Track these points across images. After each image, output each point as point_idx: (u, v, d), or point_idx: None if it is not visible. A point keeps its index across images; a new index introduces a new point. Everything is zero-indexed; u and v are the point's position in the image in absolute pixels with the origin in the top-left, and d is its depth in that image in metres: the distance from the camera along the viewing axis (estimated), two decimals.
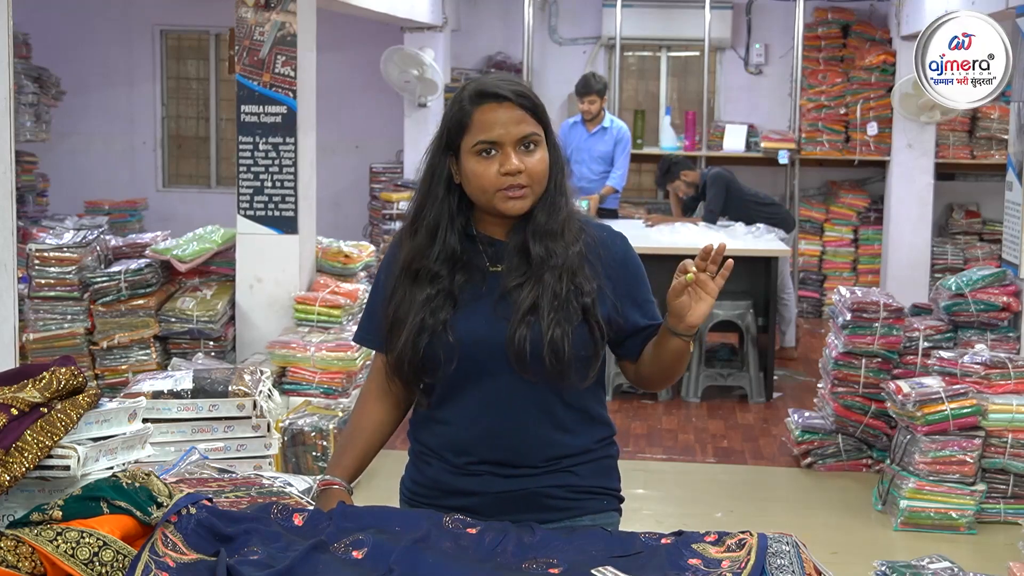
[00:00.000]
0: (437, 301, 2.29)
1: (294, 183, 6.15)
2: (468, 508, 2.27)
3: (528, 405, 2.30)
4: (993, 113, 9.52)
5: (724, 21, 10.35)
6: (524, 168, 2.26)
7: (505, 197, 2.27)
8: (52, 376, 2.09)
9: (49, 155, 10.21)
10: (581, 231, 2.35)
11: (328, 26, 7.64)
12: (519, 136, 2.26)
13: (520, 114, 2.27)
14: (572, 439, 2.34)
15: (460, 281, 2.31)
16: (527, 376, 2.26)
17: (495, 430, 2.30)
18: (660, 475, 6.02)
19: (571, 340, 2.24)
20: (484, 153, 2.26)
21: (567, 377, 2.27)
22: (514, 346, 2.23)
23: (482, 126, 2.26)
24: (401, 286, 2.33)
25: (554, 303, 2.25)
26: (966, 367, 5.39)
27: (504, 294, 2.29)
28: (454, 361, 2.26)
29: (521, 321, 2.24)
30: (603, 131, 8.60)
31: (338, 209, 10.57)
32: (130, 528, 1.95)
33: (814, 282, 10.29)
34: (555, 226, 2.30)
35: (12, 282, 3.80)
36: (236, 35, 6.09)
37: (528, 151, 2.27)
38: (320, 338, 5.97)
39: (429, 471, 2.38)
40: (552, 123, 2.38)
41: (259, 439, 3.80)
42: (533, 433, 2.31)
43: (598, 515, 2.36)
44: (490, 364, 2.27)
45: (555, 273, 2.27)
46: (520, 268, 2.29)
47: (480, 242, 2.35)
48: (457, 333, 2.26)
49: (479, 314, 2.29)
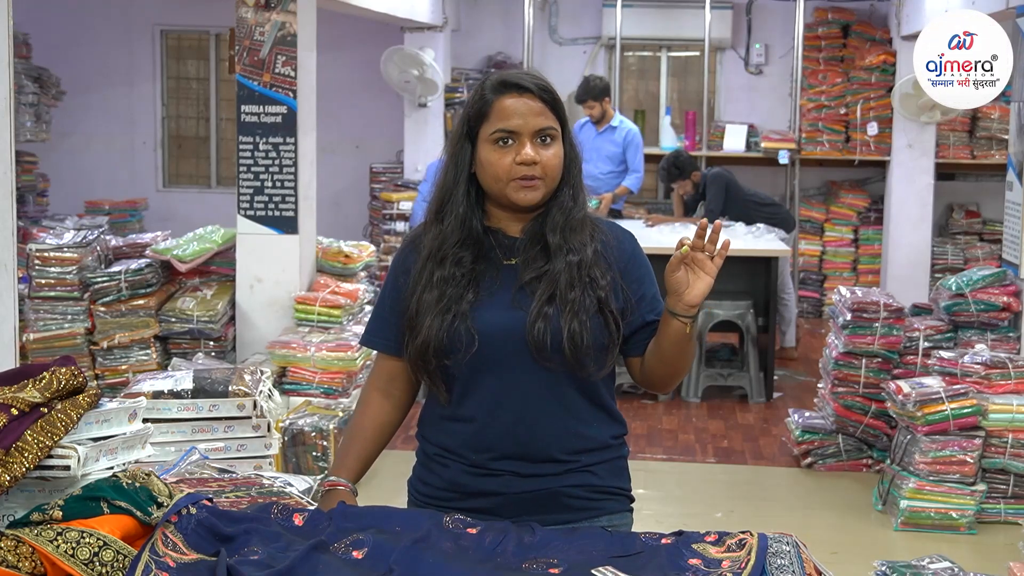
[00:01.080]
0: (461, 284, 2.31)
1: (294, 183, 6.15)
2: (486, 509, 2.28)
3: (546, 395, 2.31)
4: (993, 113, 9.52)
5: (724, 21, 10.35)
6: (539, 160, 2.28)
7: (518, 186, 2.29)
8: (52, 376, 2.09)
9: (49, 155, 10.21)
10: (595, 230, 2.37)
11: (328, 26, 7.64)
12: (537, 128, 2.29)
13: (540, 107, 2.30)
14: (589, 430, 2.35)
15: (480, 269, 2.34)
16: (546, 365, 2.28)
17: (514, 421, 2.30)
18: (660, 475, 6.02)
19: (589, 330, 2.27)
20: (501, 142, 2.29)
21: (585, 366, 2.29)
22: (534, 336, 2.26)
23: (501, 115, 2.29)
24: (427, 271, 2.34)
25: (570, 295, 2.27)
26: (966, 367, 5.38)
27: (522, 286, 2.31)
28: (475, 346, 2.27)
29: (540, 312, 2.26)
30: (611, 130, 8.60)
31: (338, 209, 10.57)
32: (130, 528, 1.95)
33: (814, 282, 10.29)
34: (574, 222, 2.33)
35: (12, 282, 3.80)
36: (236, 35, 6.09)
37: (544, 144, 2.30)
38: (320, 338, 5.97)
39: (446, 473, 2.37)
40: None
41: (259, 439, 3.79)
42: (552, 424, 2.31)
43: (615, 515, 2.38)
44: (509, 354, 2.28)
45: (572, 266, 2.29)
46: (537, 260, 2.32)
47: (493, 236, 2.37)
48: (477, 323, 2.28)
49: (498, 305, 2.31)
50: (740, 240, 7.71)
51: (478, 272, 2.33)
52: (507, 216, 2.37)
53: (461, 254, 2.33)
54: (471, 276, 2.32)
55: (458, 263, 2.32)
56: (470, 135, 2.34)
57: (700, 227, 2.20)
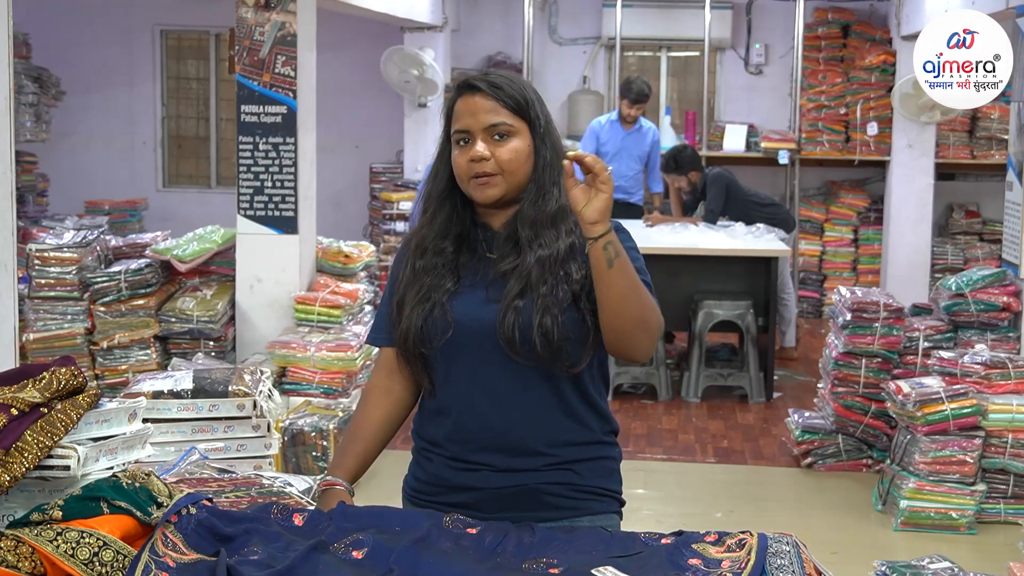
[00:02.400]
0: (442, 273, 2.35)
1: (294, 183, 6.16)
2: (468, 504, 2.28)
3: (519, 389, 2.32)
4: (993, 113, 9.52)
5: (724, 21, 10.35)
6: (490, 156, 2.31)
7: (475, 184, 2.33)
8: (52, 376, 2.09)
9: (49, 155, 10.21)
10: (576, 226, 2.33)
11: (328, 26, 7.64)
12: (486, 124, 2.31)
13: (491, 104, 2.32)
14: (565, 424, 2.34)
15: (463, 260, 2.38)
16: (519, 359, 2.29)
17: (489, 413, 2.31)
18: (660, 475, 6.02)
19: (560, 324, 2.27)
20: (462, 142, 2.34)
21: (558, 360, 2.29)
22: (504, 329, 2.28)
23: (458, 115, 2.35)
24: (410, 263, 2.40)
25: (542, 288, 2.28)
26: (966, 367, 5.38)
27: (496, 278, 2.34)
28: (449, 332, 2.31)
29: (509, 306, 2.28)
30: (638, 130, 8.84)
31: (338, 209, 10.57)
32: (130, 528, 1.95)
33: (814, 282, 10.29)
34: (543, 216, 2.33)
35: (12, 282, 3.80)
36: (236, 35, 6.09)
37: (499, 141, 2.32)
38: (320, 338, 5.97)
39: (431, 467, 2.39)
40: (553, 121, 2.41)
41: (259, 439, 3.79)
42: (526, 417, 2.32)
43: (598, 516, 2.36)
44: (483, 346, 2.30)
45: (541, 261, 2.30)
46: (510, 255, 2.34)
47: (481, 230, 2.41)
48: (454, 311, 2.32)
49: (475, 297, 2.34)
50: (740, 240, 7.71)
51: (460, 263, 2.37)
52: (488, 212, 2.40)
53: (443, 245, 2.37)
54: (452, 266, 2.36)
55: (439, 253, 2.37)
56: (448, 137, 2.40)
57: (574, 158, 2.18)
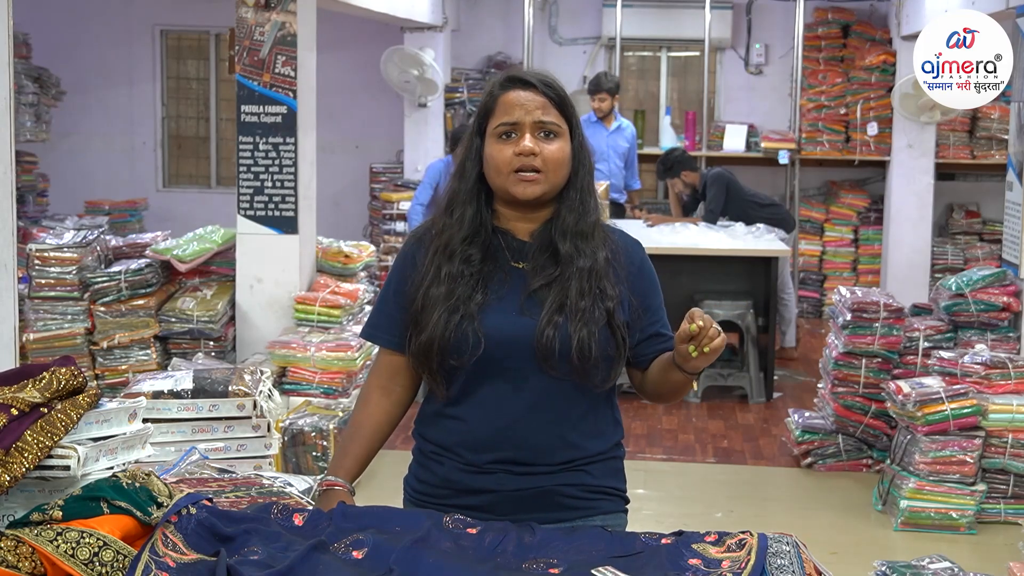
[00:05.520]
0: (470, 283, 2.30)
1: (294, 183, 6.15)
2: (480, 507, 2.28)
3: (544, 403, 2.31)
4: (993, 113, 9.52)
5: (724, 21, 10.35)
6: (539, 152, 2.28)
7: (517, 179, 2.29)
8: (52, 376, 2.09)
9: (49, 155, 10.21)
10: (607, 237, 2.36)
11: (328, 26, 7.64)
12: (537, 120, 2.29)
13: (542, 101, 2.31)
14: (586, 441, 2.35)
15: (487, 269, 2.33)
16: (553, 373, 2.27)
17: (514, 428, 2.30)
18: (660, 475, 6.02)
19: (597, 341, 2.27)
20: (504, 136, 2.30)
21: (591, 377, 2.29)
22: (543, 343, 2.25)
23: (504, 108, 2.31)
24: (434, 265, 2.33)
25: (580, 304, 2.27)
26: (966, 367, 5.38)
27: (531, 293, 2.30)
28: (480, 349, 2.27)
29: (549, 321, 2.26)
30: (619, 129, 8.83)
31: (338, 209, 10.57)
32: (130, 528, 1.95)
33: (814, 282, 10.29)
34: (585, 227, 2.32)
35: (12, 282, 3.80)
36: (236, 35, 6.09)
37: (546, 139, 2.30)
38: (320, 338, 5.97)
39: (440, 469, 2.36)
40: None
41: (259, 439, 3.79)
42: (551, 433, 2.31)
43: (609, 515, 2.37)
44: (514, 360, 2.28)
45: (582, 275, 2.29)
46: (547, 268, 2.31)
47: (502, 237, 2.37)
48: (485, 326, 2.27)
49: (506, 311, 2.30)
50: (740, 240, 7.71)
51: (486, 272, 2.32)
52: (516, 216, 2.36)
53: (470, 252, 2.32)
54: (479, 276, 2.31)
55: (467, 261, 2.32)
56: (480, 132, 2.35)
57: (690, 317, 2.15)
